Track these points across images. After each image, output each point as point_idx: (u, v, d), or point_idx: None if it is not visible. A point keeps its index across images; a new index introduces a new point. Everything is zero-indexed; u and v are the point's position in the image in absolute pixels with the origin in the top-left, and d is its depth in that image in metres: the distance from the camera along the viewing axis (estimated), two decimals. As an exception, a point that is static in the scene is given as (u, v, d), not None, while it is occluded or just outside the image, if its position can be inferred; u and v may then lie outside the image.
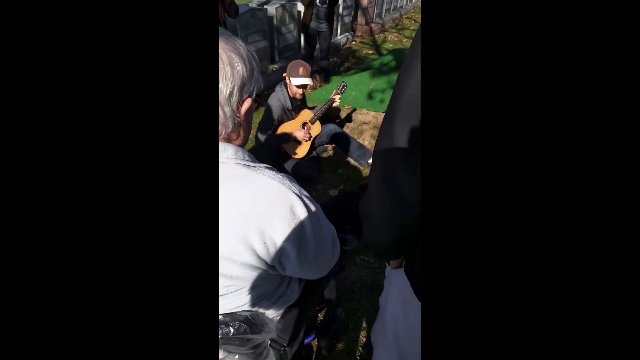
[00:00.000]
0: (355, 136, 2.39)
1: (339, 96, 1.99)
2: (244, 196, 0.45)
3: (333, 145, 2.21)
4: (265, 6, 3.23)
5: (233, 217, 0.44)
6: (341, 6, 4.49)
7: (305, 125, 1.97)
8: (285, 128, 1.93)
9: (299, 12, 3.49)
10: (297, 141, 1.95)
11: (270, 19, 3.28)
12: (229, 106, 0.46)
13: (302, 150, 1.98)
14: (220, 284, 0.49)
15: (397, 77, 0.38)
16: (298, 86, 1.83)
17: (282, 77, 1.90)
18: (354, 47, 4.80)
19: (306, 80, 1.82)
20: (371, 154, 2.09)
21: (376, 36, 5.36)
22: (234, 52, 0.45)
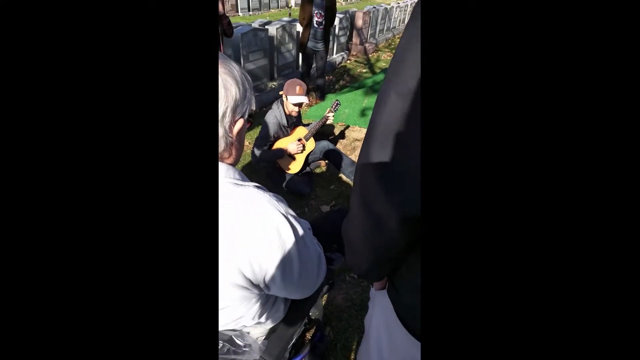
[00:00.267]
0: (348, 153, 2.43)
1: (333, 114, 2.04)
2: (233, 215, 0.46)
3: (326, 161, 2.24)
4: (266, 26, 3.34)
5: (222, 238, 0.45)
6: (337, 27, 4.65)
7: (300, 142, 2.00)
8: (281, 144, 1.96)
9: (298, 32, 3.61)
10: (292, 157, 1.98)
11: (271, 38, 3.38)
12: (222, 126, 0.48)
13: (296, 166, 2.00)
14: None
15: (376, 100, 0.39)
16: (294, 104, 1.88)
17: (280, 95, 1.94)
18: (348, 65, 4.94)
19: (302, 99, 1.87)
20: (363, 171, 2.12)
21: (370, 55, 5.53)
22: (228, 75, 0.48)
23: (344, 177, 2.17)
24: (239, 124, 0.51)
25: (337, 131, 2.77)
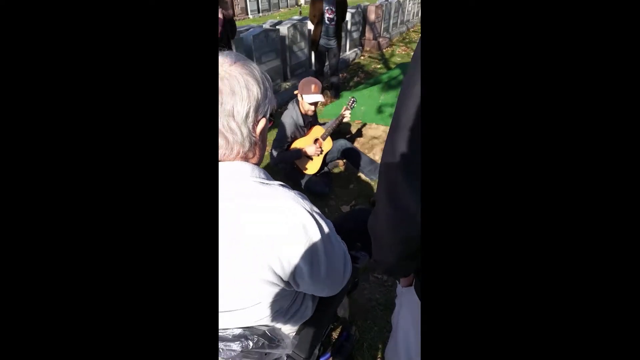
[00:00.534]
0: (366, 151, 2.42)
1: (349, 112, 2.04)
2: (260, 213, 0.48)
3: (344, 160, 2.24)
4: (277, 26, 3.38)
5: (250, 234, 0.47)
6: (349, 22, 4.61)
7: (317, 141, 2.02)
8: (298, 144, 1.98)
9: (309, 30, 3.62)
10: (309, 157, 2.00)
11: (283, 38, 3.41)
12: (246, 126, 0.50)
13: (314, 167, 2.02)
14: (239, 298, 0.52)
15: (399, 94, 0.39)
16: (310, 103, 1.89)
17: (294, 95, 1.96)
18: (362, 62, 4.90)
19: (318, 97, 1.88)
20: (382, 168, 2.11)
21: (384, 50, 5.45)
22: (249, 76, 0.49)
23: (363, 176, 2.16)
24: (262, 123, 0.52)
25: (354, 129, 2.76)
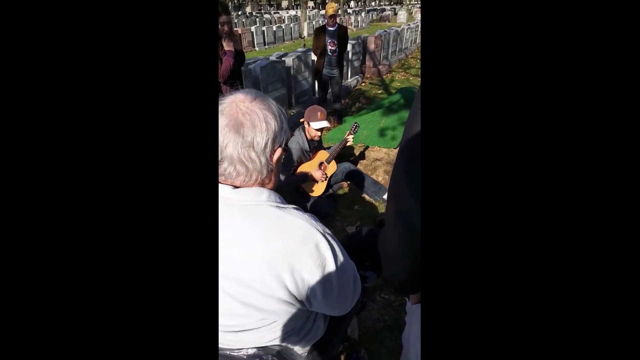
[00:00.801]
0: (369, 172, 2.47)
1: (352, 136, 2.12)
2: (277, 235, 0.52)
3: (348, 182, 2.29)
4: (283, 58, 3.58)
5: (268, 254, 0.51)
6: (350, 52, 4.85)
7: (322, 165, 2.08)
8: (304, 168, 2.04)
9: (313, 61, 3.82)
10: (315, 180, 2.05)
11: (288, 69, 3.61)
12: (264, 156, 0.55)
13: (319, 189, 2.06)
14: (256, 317, 0.54)
15: (408, 115, 0.41)
16: (317, 129, 1.97)
17: (300, 122, 2.05)
18: (363, 88, 5.09)
19: (324, 124, 1.96)
20: (386, 190, 2.14)
21: (384, 76, 5.67)
22: (268, 111, 0.55)
23: (367, 197, 2.20)
24: (278, 152, 0.57)
25: (357, 152, 2.83)
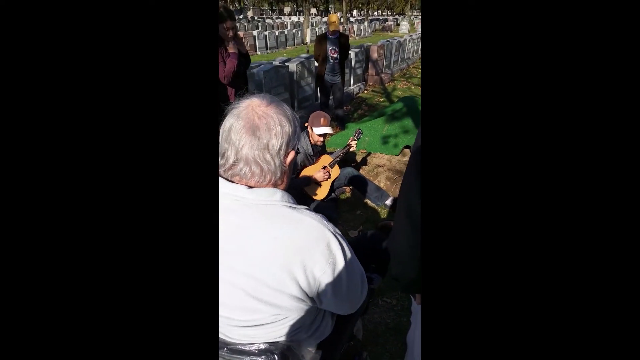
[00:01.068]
0: (371, 178, 2.49)
1: (356, 142, 2.15)
2: (291, 233, 0.54)
3: (351, 187, 2.31)
4: (286, 63, 3.64)
5: (282, 252, 0.52)
6: (353, 60, 4.93)
7: (325, 169, 2.10)
8: (307, 172, 2.07)
9: (316, 66, 3.88)
10: (318, 184, 2.07)
11: (291, 74, 3.67)
12: (278, 157, 0.57)
13: (322, 193, 2.08)
14: (268, 313, 0.56)
15: (416, 135, 0.45)
16: (320, 135, 2.00)
17: (303, 127, 2.08)
18: (365, 95, 5.15)
19: (327, 129, 1.99)
20: (388, 195, 2.17)
21: (386, 85, 5.75)
22: (282, 115, 0.58)
23: (369, 203, 2.22)
24: (291, 155, 0.60)
25: (359, 158, 2.86)
